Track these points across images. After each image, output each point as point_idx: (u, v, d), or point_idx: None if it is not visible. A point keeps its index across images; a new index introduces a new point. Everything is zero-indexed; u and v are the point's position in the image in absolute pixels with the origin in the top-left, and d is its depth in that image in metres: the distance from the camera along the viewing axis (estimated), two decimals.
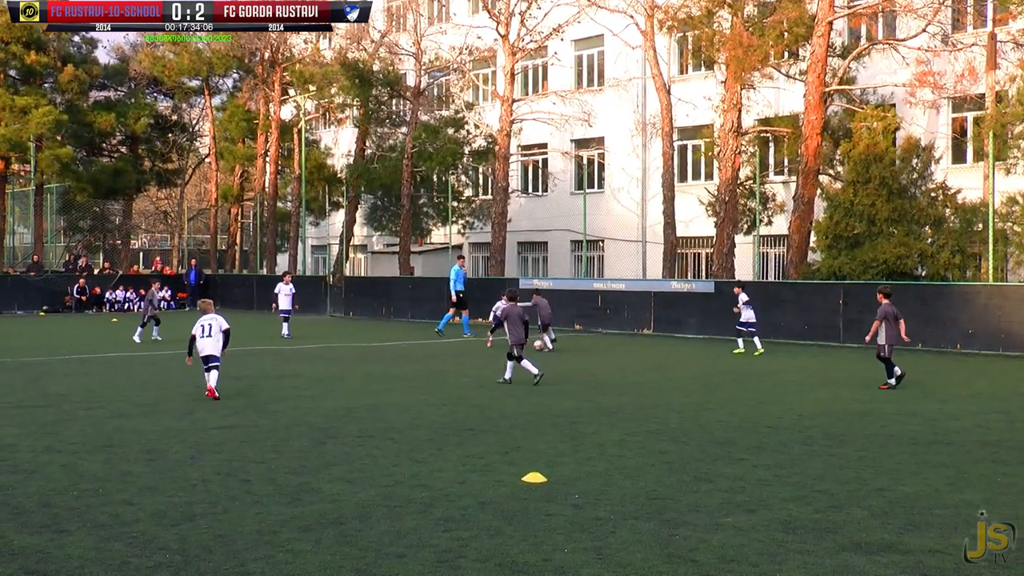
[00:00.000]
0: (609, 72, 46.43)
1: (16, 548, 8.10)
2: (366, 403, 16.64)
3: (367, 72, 47.21)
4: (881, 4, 34.74)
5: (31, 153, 52.03)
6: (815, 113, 33.12)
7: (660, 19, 37.47)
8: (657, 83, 38.15)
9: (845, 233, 31.10)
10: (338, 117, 55.01)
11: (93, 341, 30.59)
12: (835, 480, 10.72)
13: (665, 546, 8.16)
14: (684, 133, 42.68)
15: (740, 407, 16.42)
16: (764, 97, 38.33)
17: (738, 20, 34.70)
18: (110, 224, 65.25)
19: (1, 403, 16.53)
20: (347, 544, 8.18)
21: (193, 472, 11.02)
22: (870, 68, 36.58)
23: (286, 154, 55.83)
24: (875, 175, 30.53)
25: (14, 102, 51.25)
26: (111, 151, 59.42)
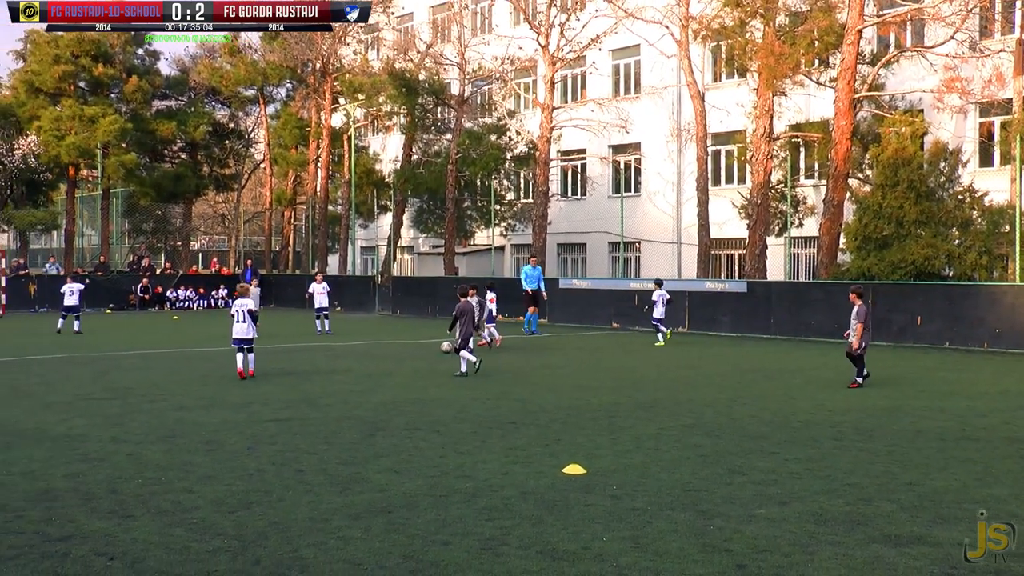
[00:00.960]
0: (645, 80, 46.28)
1: (87, 532, 8.20)
2: (413, 397, 16.69)
3: (413, 81, 47.33)
4: (910, 12, 34.41)
5: (98, 160, 52.62)
6: (845, 119, 32.87)
7: (694, 29, 37.33)
8: (692, 91, 37.98)
9: (874, 235, 30.85)
10: (386, 124, 55.16)
11: (155, 338, 30.87)
12: (865, 474, 10.63)
13: (700, 536, 8.12)
14: (718, 138, 42.48)
15: (772, 403, 16.32)
16: (795, 103, 38.09)
17: (770, 29, 34.53)
18: (171, 226, 65.86)
19: (72, 396, 16.73)
20: (395, 531, 8.20)
21: (249, 462, 11.10)
22: (899, 75, 36.26)
23: (336, 160, 56.07)
24: (903, 178, 30.27)
25: (83, 112, 51.95)
26: (172, 157, 59.96)
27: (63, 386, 18.12)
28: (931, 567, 7.35)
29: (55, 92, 53.51)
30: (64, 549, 7.70)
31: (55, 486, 9.86)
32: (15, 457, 11.35)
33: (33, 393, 17.09)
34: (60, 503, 9.16)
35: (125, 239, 62.85)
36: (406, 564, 7.34)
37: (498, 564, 7.35)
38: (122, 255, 58.89)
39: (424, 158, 50.08)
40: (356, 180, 51.65)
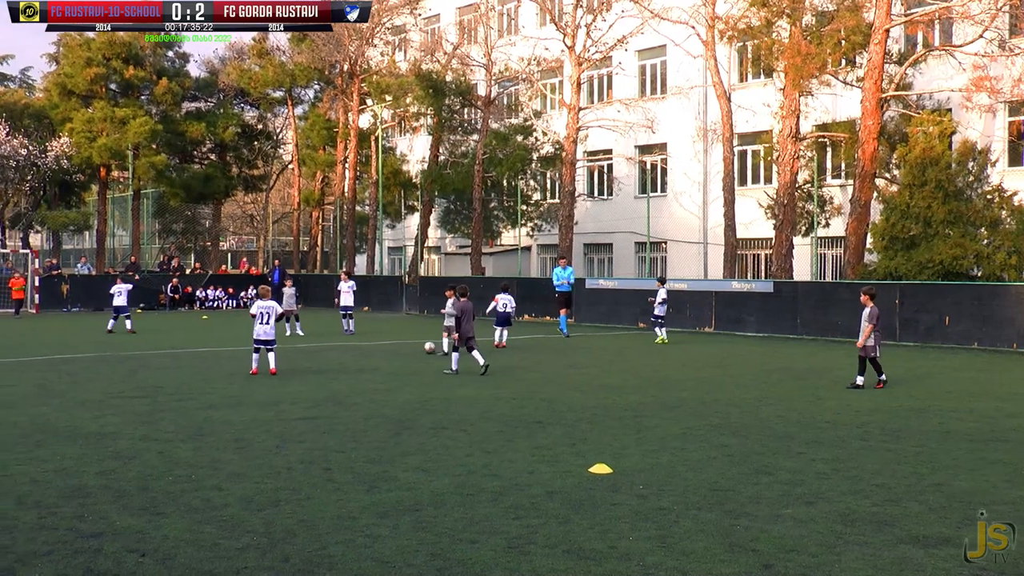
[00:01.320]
0: (671, 81, 46.17)
1: (119, 528, 8.26)
2: (439, 396, 16.70)
3: (440, 82, 47.40)
4: (938, 11, 34.18)
5: (129, 161, 53.01)
6: (872, 118, 32.69)
7: (721, 29, 37.22)
8: (718, 91, 37.86)
9: (901, 235, 30.68)
10: (413, 125, 55.27)
11: (185, 337, 31.04)
12: (892, 475, 10.56)
13: (727, 535, 8.09)
14: (744, 138, 42.35)
15: (798, 403, 16.25)
16: (822, 103, 37.93)
17: (796, 29, 34.39)
18: (201, 227, 66.27)
19: (104, 394, 16.85)
20: (422, 530, 8.21)
21: (278, 460, 11.15)
22: (926, 74, 36.03)
23: (364, 160, 56.22)
24: (931, 178, 30.09)
25: (114, 114, 52.34)
26: (201, 158, 60.30)
27: (94, 384, 18.25)
28: (959, 569, 7.28)
29: (87, 94, 53.94)
30: (96, 545, 7.76)
31: (87, 483, 9.93)
32: (48, 454, 11.44)
33: (65, 392, 17.21)
34: (92, 500, 9.23)
35: (155, 239, 63.26)
36: (433, 562, 7.35)
37: (525, 563, 7.34)
38: (152, 255, 59.29)
39: (451, 159, 50.16)
40: (383, 181, 51.79)
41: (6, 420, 13.96)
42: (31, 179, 52.91)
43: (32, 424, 13.61)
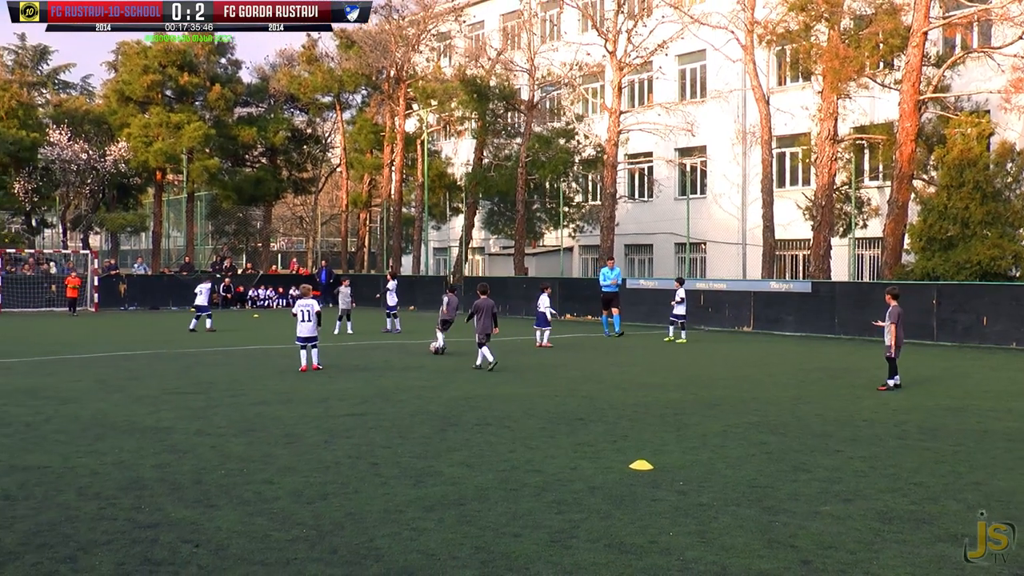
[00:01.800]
0: (711, 84, 45.96)
1: (173, 519, 8.35)
2: (483, 393, 16.73)
3: (484, 87, 47.47)
4: (977, 13, 33.72)
5: (184, 164, 53.57)
6: (909, 120, 32.36)
7: (759, 34, 37.01)
8: (756, 94, 37.62)
9: (939, 235, 30.35)
10: (458, 129, 55.38)
11: (237, 335, 31.29)
12: (930, 473, 10.44)
13: (765, 532, 8.05)
14: (782, 141, 42.06)
15: (836, 401, 16.11)
16: (859, 106, 37.55)
17: (835, 33, 34.12)
18: (252, 228, 66.84)
19: (159, 390, 17.03)
20: (467, 523, 8.23)
21: (327, 455, 11.21)
22: (964, 76, 35.58)
23: (410, 163, 56.44)
24: (969, 179, 29.74)
25: (169, 119, 52.93)
26: (253, 162, 60.80)
27: (151, 381, 18.45)
28: (998, 567, 7.18)
29: (144, 100, 54.56)
30: (153, 536, 7.85)
31: (144, 476, 10.05)
32: (107, 447, 11.58)
33: (123, 387, 17.41)
34: (149, 492, 9.34)
35: (208, 240, 63.89)
36: (477, 555, 7.37)
37: (567, 556, 7.34)
38: (205, 256, 59.85)
39: (495, 161, 50.23)
40: (429, 183, 51.94)
41: (69, 414, 14.16)
42: (91, 182, 53.59)
43: (92, 418, 13.79)
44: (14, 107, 52.91)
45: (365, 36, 53.57)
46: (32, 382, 18.11)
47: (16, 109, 53.01)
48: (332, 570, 7.01)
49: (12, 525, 8.17)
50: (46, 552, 7.41)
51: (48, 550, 7.46)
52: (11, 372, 19.88)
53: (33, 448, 11.56)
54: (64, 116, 55.50)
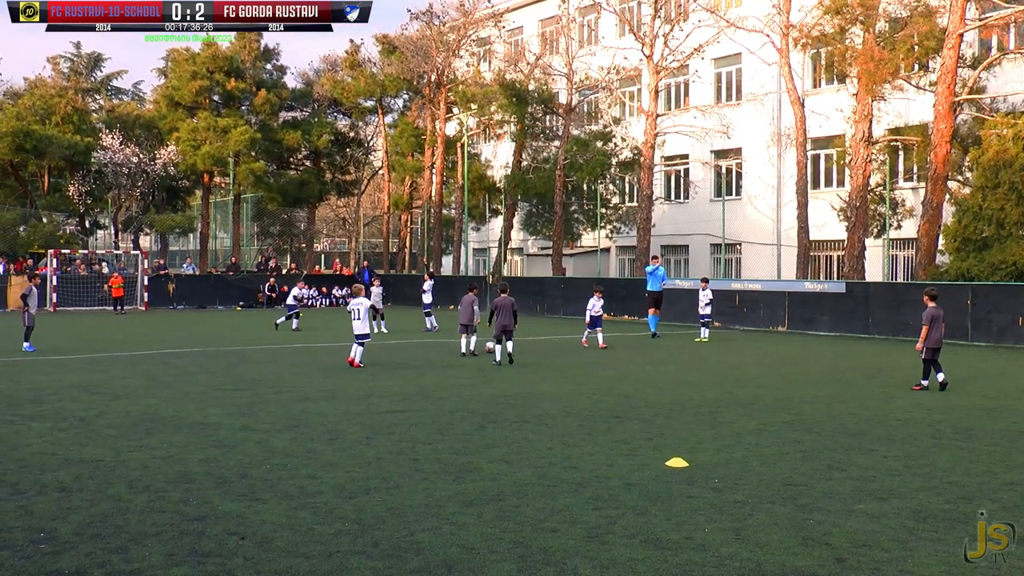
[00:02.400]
0: (746, 87, 45.73)
1: (220, 512, 8.42)
2: (522, 391, 16.73)
3: (523, 91, 47.50)
4: (1014, 15, 33.27)
5: (230, 167, 54.03)
6: (944, 122, 32.02)
7: (795, 37, 36.79)
8: (791, 97, 37.38)
9: (973, 236, 30.01)
10: (497, 132, 55.48)
11: (281, 334, 31.47)
12: (965, 473, 10.32)
13: (800, 529, 7.99)
14: (817, 143, 41.76)
15: (870, 400, 15.96)
16: (894, 108, 37.21)
17: (870, 35, 33.85)
18: (296, 229, 67.21)
19: (206, 387, 17.17)
20: (506, 519, 8.23)
21: (369, 451, 11.25)
22: (1000, 77, 35.15)
23: (450, 166, 56.56)
24: (1004, 180, 29.38)
25: (217, 123, 53.39)
26: (297, 165, 61.19)
27: (198, 377, 18.61)
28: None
29: (192, 105, 55.10)
30: (200, 528, 7.92)
31: (192, 470, 10.14)
32: (157, 442, 11.70)
33: (172, 384, 17.58)
34: (196, 485, 9.42)
35: (254, 241, 64.38)
36: (516, 550, 7.37)
37: (604, 552, 7.33)
38: (251, 256, 60.34)
39: (533, 164, 50.25)
40: (469, 185, 52.02)
41: (120, 410, 14.32)
42: (141, 185, 54.15)
43: (143, 414, 13.94)
44: (69, 113, 53.57)
45: (407, 42, 53.76)
46: (86, 378, 18.33)
47: (71, 115, 53.67)
48: (374, 563, 7.03)
49: (67, 516, 8.28)
50: (99, 543, 7.50)
51: (101, 541, 7.55)
52: (66, 368, 20.13)
53: (87, 442, 11.70)
54: (116, 121, 56.13)
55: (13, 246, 49.54)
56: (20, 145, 49.62)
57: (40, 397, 15.68)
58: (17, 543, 7.51)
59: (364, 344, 20.65)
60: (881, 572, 6.92)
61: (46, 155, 51.03)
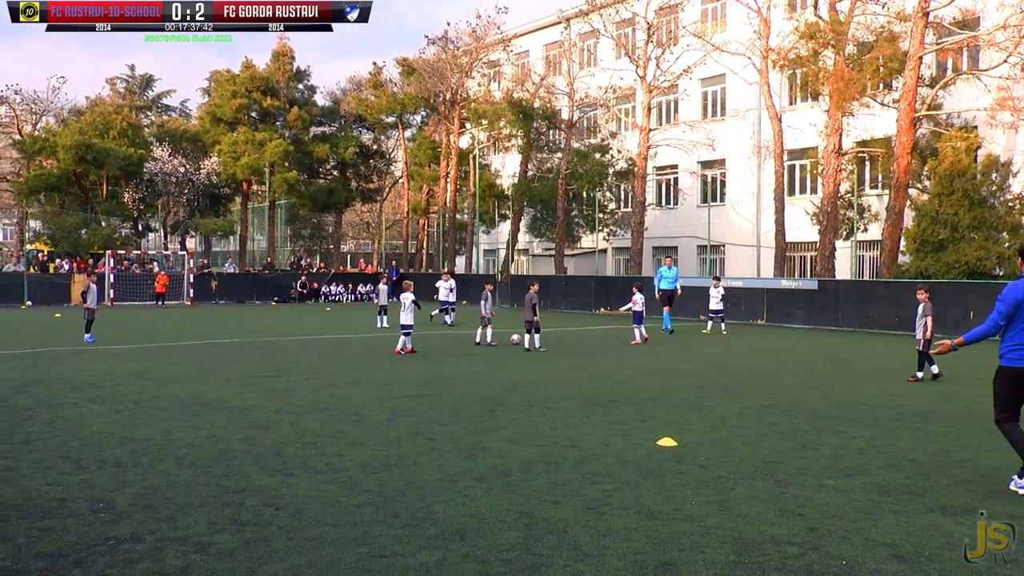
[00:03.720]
0: (730, 104, 45.65)
1: (257, 486, 8.44)
2: (528, 378, 16.73)
3: (529, 109, 47.50)
4: (966, 39, 33.32)
5: (266, 176, 54.11)
6: (906, 135, 31.97)
7: (773, 59, 36.73)
8: (770, 113, 37.33)
9: (931, 238, 29.98)
10: (505, 145, 55.45)
11: (312, 326, 31.56)
12: (923, 451, 10.32)
13: (777, 502, 7.99)
14: (793, 154, 41.66)
15: (840, 387, 15.95)
16: (861, 122, 37.15)
17: (840, 58, 33.78)
18: (325, 232, 67.32)
19: (245, 374, 17.21)
20: (513, 492, 8.25)
21: (390, 431, 11.27)
22: (955, 95, 35.06)
23: (463, 175, 56.58)
24: (958, 188, 29.37)
25: (254, 137, 53.50)
26: (326, 174, 61.25)
27: (238, 365, 18.65)
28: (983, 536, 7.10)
29: (232, 121, 55.18)
30: (239, 500, 7.94)
31: (232, 448, 10.17)
32: (201, 423, 11.74)
33: (215, 371, 17.62)
34: (236, 462, 9.44)
35: (287, 243, 64.45)
36: (522, 519, 7.39)
37: (601, 521, 7.34)
38: (285, 256, 60.41)
39: (538, 173, 50.23)
40: (480, 193, 52.04)
41: (170, 394, 14.36)
42: (187, 192, 54.33)
43: (190, 398, 13.98)
44: (124, 128, 53.79)
45: (424, 64, 53.80)
46: (139, 366, 18.39)
47: (126, 130, 53.90)
48: (394, 531, 7.06)
49: (123, 488, 8.32)
50: (150, 512, 7.54)
51: (152, 511, 7.59)
52: (122, 357, 20.20)
53: (140, 423, 11.75)
54: (165, 135, 56.34)
55: (76, 247, 49.78)
56: (82, 157, 49.90)
57: (99, 383, 15.73)
58: (80, 512, 7.56)
59: (408, 334, 20.92)
60: (849, 540, 6.92)
61: (105, 166, 51.24)
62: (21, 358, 19.79)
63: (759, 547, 6.74)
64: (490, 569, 6.21)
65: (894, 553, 6.64)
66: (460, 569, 6.21)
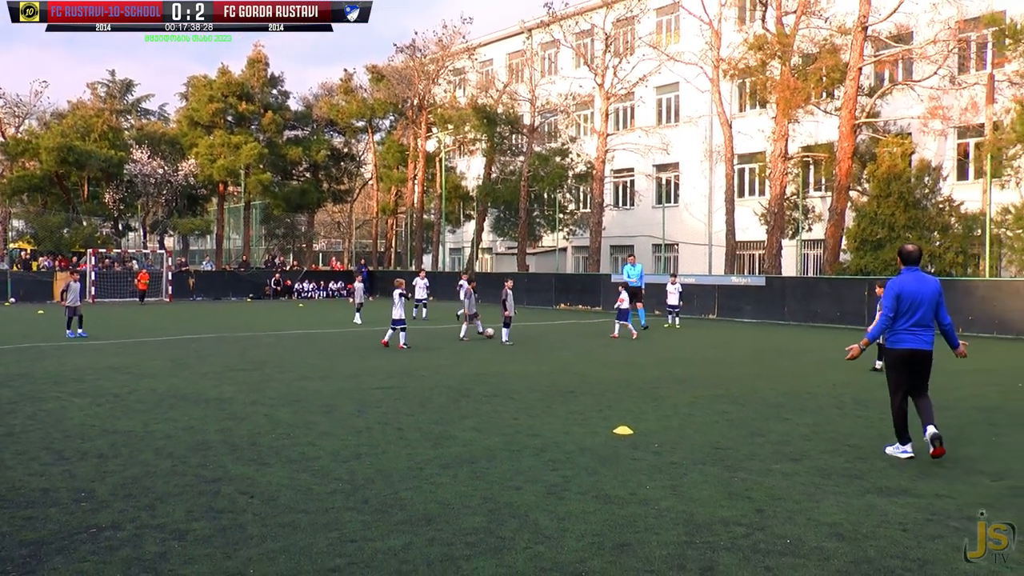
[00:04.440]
0: (683, 111, 45.90)
1: (233, 475, 8.38)
2: (492, 370, 16.73)
3: (493, 114, 47.46)
4: (901, 53, 33.85)
5: (242, 178, 53.59)
6: (847, 141, 32.35)
7: (724, 69, 36.99)
8: (721, 119, 37.60)
9: (870, 238, 30.37)
10: (470, 149, 55.37)
11: (285, 321, 31.35)
12: (862, 437, 10.46)
13: (727, 486, 8.07)
14: (742, 158, 42.01)
15: (786, 377, 16.12)
16: (806, 129, 37.56)
17: (786, 68, 34.09)
18: (298, 232, 66.79)
19: (222, 367, 17.07)
20: (477, 479, 8.26)
21: (359, 422, 11.23)
22: (891, 104, 35.58)
23: (430, 177, 56.41)
24: (894, 190, 29.79)
25: (230, 140, 52.99)
26: (299, 176, 60.80)
27: (214, 360, 18.49)
28: (915, 514, 7.23)
29: (209, 125, 54.60)
30: (216, 488, 7.88)
31: (209, 438, 10.09)
32: (179, 415, 11.62)
33: (192, 365, 17.45)
34: (212, 452, 9.37)
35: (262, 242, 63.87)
36: (486, 504, 7.40)
37: (561, 506, 7.37)
38: (259, 255, 59.89)
39: (501, 176, 50.23)
40: (446, 194, 51.95)
41: (149, 388, 14.20)
42: (166, 193, 53.73)
43: (168, 391, 13.84)
44: (105, 131, 53.09)
45: (393, 71, 53.57)
46: (119, 361, 18.17)
47: (107, 132, 53.20)
48: (364, 517, 7.04)
49: (104, 478, 8.22)
50: (131, 501, 7.47)
51: (132, 499, 7.51)
52: (103, 352, 19.95)
53: (120, 415, 11.61)
54: (145, 138, 55.64)
55: (59, 246, 49.13)
56: (64, 158, 49.20)
57: (81, 377, 15.52)
58: (62, 501, 7.47)
59: (396, 328, 20.79)
60: (793, 520, 7.01)
61: (86, 167, 50.55)
62: (4, 353, 19.47)
63: (710, 528, 6.80)
64: (455, 552, 6.22)
65: (834, 532, 6.73)
66: (427, 552, 6.21)
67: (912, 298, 9.15)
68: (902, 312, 9.19)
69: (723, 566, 5.97)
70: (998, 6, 32.95)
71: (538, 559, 6.08)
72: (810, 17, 34.77)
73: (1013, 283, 26.60)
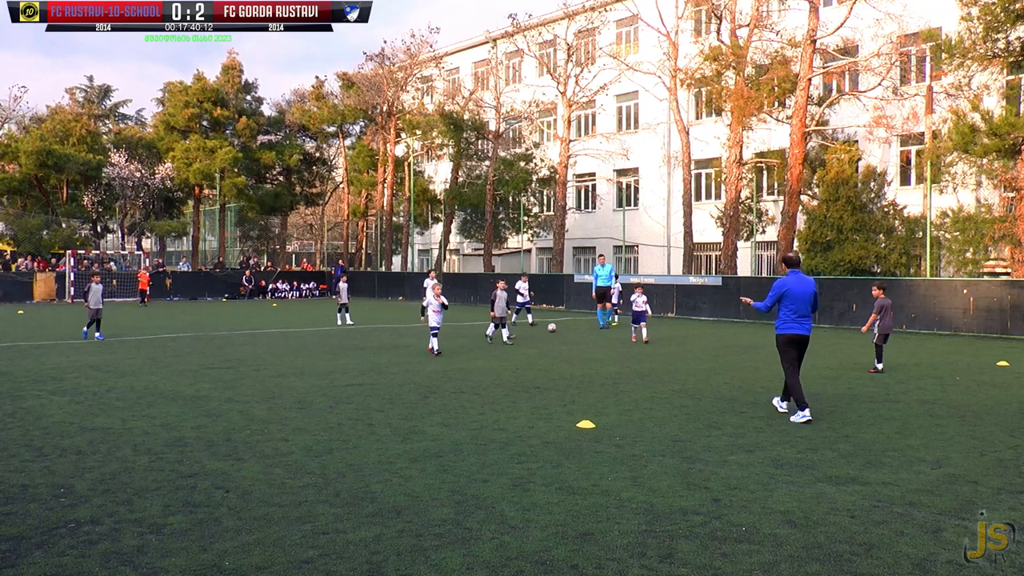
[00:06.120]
0: (642, 118, 46.13)
1: (208, 470, 8.31)
2: (459, 367, 16.71)
3: (460, 120, 47.37)
4: (848, 65, 34.30)
5: (217, 181, 53.04)
6: (798, 148, 32.66)
7: (681, 79, 37.21)
8: (679, 126, 37.81)
9: (820, 240, 30.69)
10: (438, 154, 55.16)
11: (260, 320, 31.08)
12: (812, 429, 10.57)
13: (685, 476, 8.13)
14: (699, 164, 42.30)
15: (741, 373, 16.25)
16: (759, 136, 37.90)
17: (740, 78, 34.36)
18: (271, 233, 66.28)
19: (198, 366, 16.90)
20: (445, 472, 8.25)
21: (331, 418, 11.18)
22: (839, 113, 36.04)
23: (399, 181, 56.18)
24: (843, 195, 30.13)
25: (206, 144, 52.45)
26: (272, 179, 60.29)
27: (191, 358, 18.30)
28: (862, 501, 7.33)
29: (185, 129, 54.03)
30: (192, 483, 7.82)
31: (185, 435, 9.99)
32: (157, 412, 11.50)
33: (170, 363, 17.26)
34: (189, 448, 9.28)
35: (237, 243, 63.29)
36: (453, 497, 7.40)
37: (526, 497, 7.39)
38: (234, 256, 59.33)
39: (468, 180, 50.13)
40: (414, 197, 51.74)
41: (127, 386, 14.03)
42: (143, 196, 53.14)
43: (145, 389, 13.68)
44: (84, 135, 52.38)
45: (363, 78, 53.29)
46: (98, 359, 17.92)
47: (85, 137, 52.50)
48: (335, 510, 7.01)
49: (83, 475, 8.11)
50: (109, 496, 7.37)
51: (110, 495, 7.42)
52: (81, 351, 19.66)
53: (99, 412, 11.46)
54: (122, 142, 54.96)
55: (38, 247, 48.40)
56: (43, 162, 48.54)
57: (60, 375, 15.29)
58: (42, 497, 7.36)
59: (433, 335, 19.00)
60: (748, 509, 7.08)
61: (65, 170, 49.84)
62: None
63: (669, 517, 6.85)
64: (424, 543, 6.21)
65: (787, 519, 6.80)
66: (396, 543, 6.19)
67: (794, 294, 10.97)
68: (787, 305, 11.02)
69: (682, 553, 6.02)
70: (935, 23, 33.50)
71: (504, 549, 6.09)
72: (762, 30, 35.11)
73: (951, 283, 27.05)
